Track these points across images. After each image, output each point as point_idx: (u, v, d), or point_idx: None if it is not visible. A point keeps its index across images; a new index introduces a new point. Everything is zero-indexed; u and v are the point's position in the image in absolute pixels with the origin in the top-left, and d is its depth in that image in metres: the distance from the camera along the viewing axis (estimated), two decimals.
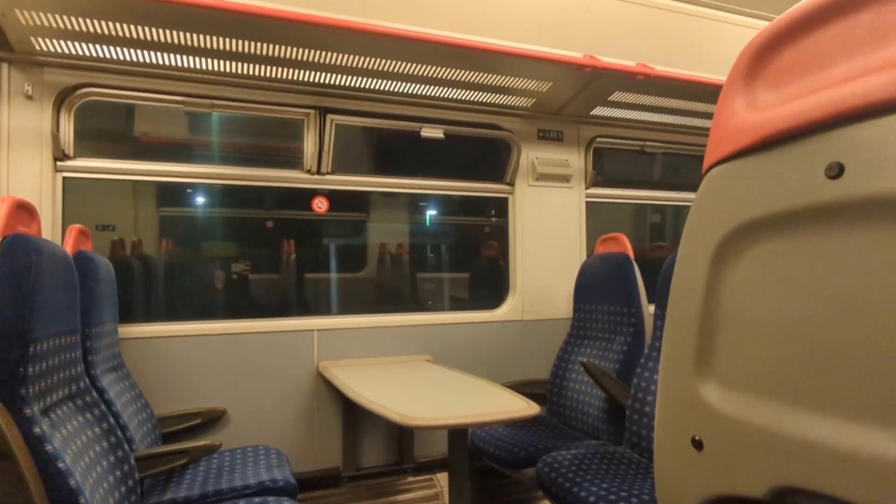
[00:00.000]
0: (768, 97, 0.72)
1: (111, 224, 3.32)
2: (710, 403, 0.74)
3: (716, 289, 0.74)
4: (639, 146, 3.31)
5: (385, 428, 2.75)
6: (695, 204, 0.80)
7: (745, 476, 0.68)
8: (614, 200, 3.39)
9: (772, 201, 0.68)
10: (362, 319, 2.77)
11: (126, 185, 3.40)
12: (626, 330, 2.56)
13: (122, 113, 3.20)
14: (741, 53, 0.74)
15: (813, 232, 0.64)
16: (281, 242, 3.96)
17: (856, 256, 0.59)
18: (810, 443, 0.61)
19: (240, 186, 2.73)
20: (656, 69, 2.54)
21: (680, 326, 0.80)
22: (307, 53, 2.26)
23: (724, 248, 0.74)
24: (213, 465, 2.16)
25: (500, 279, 3.20)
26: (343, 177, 2.79)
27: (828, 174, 0.62)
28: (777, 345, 0.66)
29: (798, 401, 0.63)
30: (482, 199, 3.17)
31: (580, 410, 2.63)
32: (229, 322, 2.56)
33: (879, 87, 0.57)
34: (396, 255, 4.42)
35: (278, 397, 2.58)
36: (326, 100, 2.68)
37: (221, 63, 2.32)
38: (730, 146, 0.75)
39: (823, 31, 0.66)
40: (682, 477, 0.79)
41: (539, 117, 3.07)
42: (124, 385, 2.14)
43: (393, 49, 2.26)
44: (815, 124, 0.64)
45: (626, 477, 1.99)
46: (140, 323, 2.45)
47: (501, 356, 2.98)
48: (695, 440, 0.76)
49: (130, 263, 3.03)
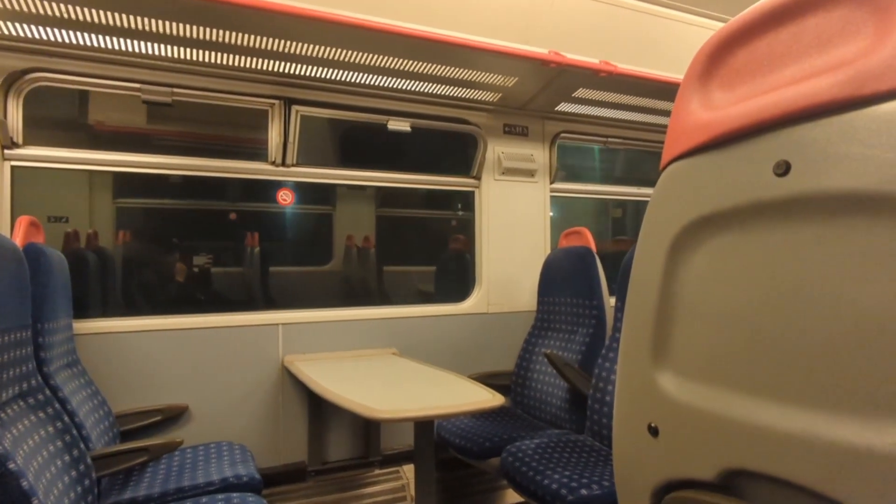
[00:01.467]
0: (722, 97, 0.75)
1: (64, 215, 3.19)
2: (666, 391, 0.77)
3: (672, 282, 0.77)
4: (602, 142, 3.38)
5: (351, 421, 2.75)
6: (652, 199, 0.82)
7: (696, 460, 0.72)
8: (577, 195, 3.45)
9: (724, 197, 0.71)
10: (327, 313, 2.75)
11: (81, 175, 3.27)
12: (588, 322, 2.62)
13: (75, 100, 3.08)
14: (697, 54, 0.77)
15: (761, 227, 0.67)
16: (244, 235, 3.89)
17: (799, 251, 0.62)
18: (755, 427, 0.64)
19: (202, 177, 2.66)
20: (619, 67, 2.59)
21: (638, 318, 0.83)
22: (271, 42, 2.22)
23: (679, 242, 0.77)
24: (175, 462, 2.11)
25: (466, 272, 3.22)
26: (308, 169, 2.75)
27: (776, 172, 0.65)
28: (726, 335, 0.69)
29: (744, 387, 0.66)
30: (449, 193, 3.18)
31: (544, 401, 2.69)
32: (190, 317, 2.50)
33: (824, 89, 0.61)
34: (363, 249, 4.40)
35: (242, 392, 2.54)
36: (292, 90, 2.63)
37: (181, 50, 2.25)
38: (686, 143, 0.78)
39: (774, 34, 0.69)
40: (639, 462, 0.82)
41: (505, 112, 3.09)
42: (79, 382, 2.07)
43: (359, 40, 2.24)
44: (765, 124, 0.67)
45: (588, 464, 2.04)
46: (96, 318, 2.37)
47: (467, 348, 3.01)
48: (651, 427, 0.79)
49: (85, 256, 2.92)
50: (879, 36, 0.56)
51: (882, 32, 0.56)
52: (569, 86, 2.78)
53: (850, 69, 0.58)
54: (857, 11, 0.59)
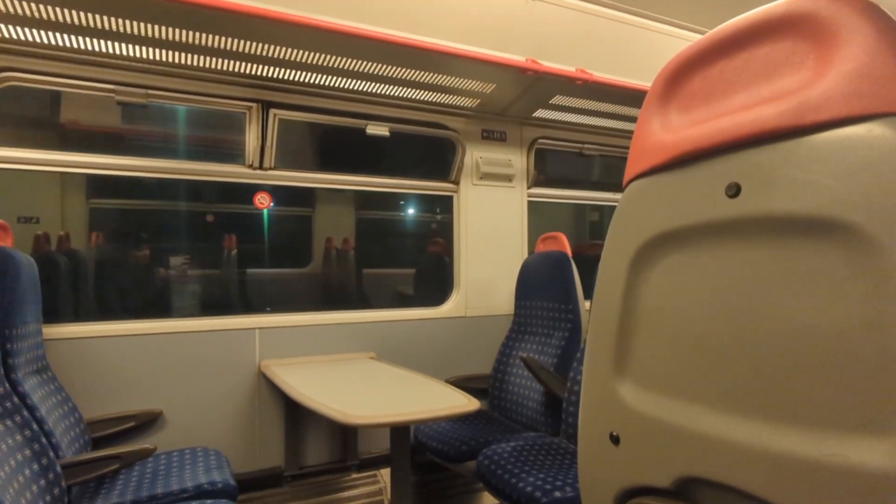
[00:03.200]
0: (679, 119, 0.78)
1: (34, 216, 3.13)
2: (626, 401, 0.80)
3: (632, 295, 0.80)
4: (578, 148, 3.43)
5: (328, 426, 2.75)
6: (615, 215, 0.85)
7: (653, 468, 0.75)
8: (555, 200, 3.50)
9: (680, 216, 0.74)
10: (305, 317, 2.74)
11: (52, 175, 3.21)
12: (563, 325, 2.66)
13: (46, 99, 3.02)
14: (657, 77, 0.80)
15: (714, 245, 0.70)
16: (222, 237, 3.85)
17: (748, 269, 0.66)
18: (707, 436, 0.67)
19: (178, 179, 2.63)
20: (594, 75, 2.64)
21: (601, 329, 0.85)
22: (248, 45, 2.21)
23: (640, 258, 0.80)
24: (148, 469, 2.09)
25: (444, 276, 3.24)
26: (286, 172, 2.74)
27: (727, 193, 0.68)
28: (681, 348, 0.72)
29: (697, 398, 0.70)
30: (429, 196, 3.20)
31: (520, 404, 2.72)
32: (165, 321, 2.47)
33: (770, 117, 0.64)
34: (342, 251, 4.39)
35: (218, 397, 2.52)
36: (269, 93, 2.62)
37: (156, 51, 2.23)
38: (646, 162, 0.81)
39: (726, 61, 0.72)
40: (601, 469, 0.85)
41: (483, 118, 3.13)
42: (49, 389, 2.03)
43: (338, 45, 2.24)
44: (718, 147, 0.70)
45: (563, 467, 2.08)
46: (67, 323, 2.33)
47: (445, 352, 3.03)
48: (612, 435, 0.82)
49: (56, 259, 2.87)
50: (820, 69, 0.60)
51: (822, 66, 0.59)
52: (546, 93, 2.82)
53: (793, 99, 0.61)
54: (800, 44, 0.63)
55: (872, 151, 0.54)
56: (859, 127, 0.56)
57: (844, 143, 0.56)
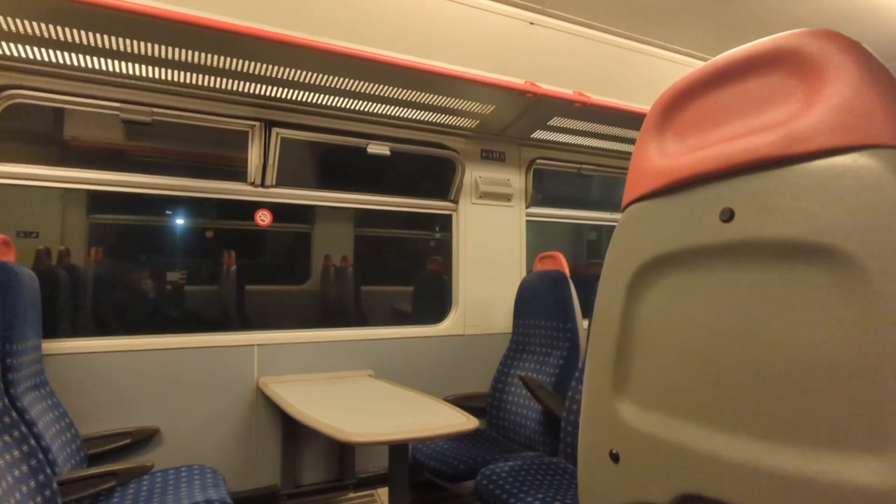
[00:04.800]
0: (675, 146, 0.81)
1: (35, 231, 3.15)
2: (626, 420, 0.82)
3: (630, 316, 0.83)
4: (576, 168, 3.48)
5: (325, 444, 2.73)
6: (614, 237, 0.88)
7: (653, 486, 0.76)
8: (553, 220, 3.53)
9: (677, 238, 0.77)
10: (304, 334, 2.75)
11: (54, 190, 3.23)
12: (562, 344, 2.67)
13: (50, 116, 3.06)
14: (653, 106, 0.84)
15: (709, 268, 0.73)
16: (221, 253, 3.87)
17: (742, 292, 0.68)
18: (705, 454, 0.69)
19: (179, 196, 2.66)
20: (592, 97, 2.69)
21: (600, 349, 0.87)
22: (252, 66, 2.25)
23: (637, 280, 0.82)
24: (144, 486, 2.08)
25: (443, 293, 3.26)
26: (287, 190, 2.77)
27: (721, 218, 0.71)
28: (679, 368, 0.74)
29: (696, 417, 0.71)
30: (428, 214, 3.23)
31: (518, 423, 2.72)
32: (163, 337, 2.47)
33: (761, 146, 0.67)
34: (341, 268, 4.40)
35: (215, 415, 2.51)
36: (272, 112, 2.66)
37: (161, 71, 2.27)
38: (644, 187, 0.84)
39: (719, 92, 0.76)
40: (601, 487, 0.86)
41: (483, 138, 3.17)
42: (47, 404, 2.03)
43: (339, 66, 2.29)
44: (712, 173, 0.73)
45: (561, 487, 2.07)
46: (66, 338, 2.33)
47: (443, 370, 3.03)
48: (612, 453, 0.83)
49: (57, 274, 2.88)
50: (807, 102, 0.63)
51: (809, 99, 0.63)
52: (544, 114, 2.87)
53: (782, 130, 0.64)
54: (789, 79, 0.66)
55: (858, 180, 0.57)
56: (845, 157, 0.58)
57: (831, 172, 0.59)
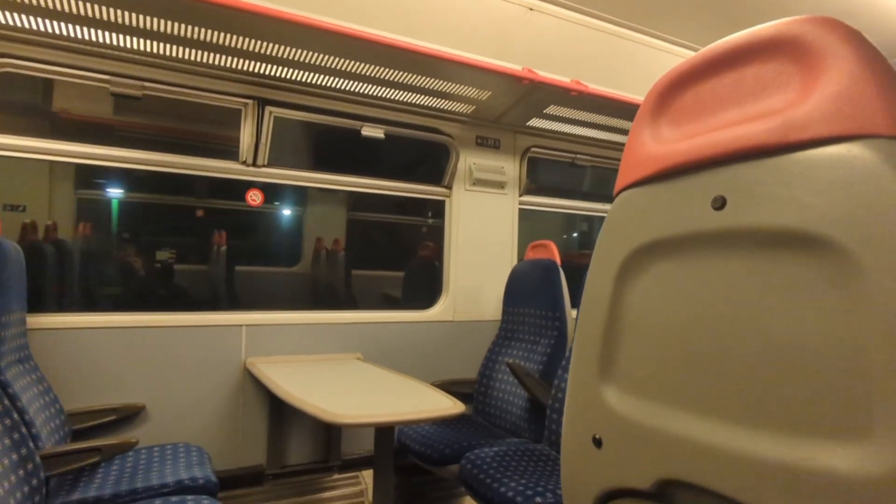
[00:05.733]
0: (670, 132, 0.80)
1: (21, 205, 3.10)
2: (610, 405, 0.82)
3: (619, 302, 0.83)
4: (570, 158, 3.47)
5: (312, 426, 2.74)
6: (605, 223, 0.88)
7: (634, 470, 0.77)
8: (545, 209, 3.53)
9: (668, 226, 0.77)
10: (293, 315, 2.74)
11: (41, 164, 3.18)
12: (550, 333, 2.68)
13: (39, 87, 3.00)
14: (650, 91, 0.83)
15: (699, 256, 0.73)
16: (211, 232, 3.83)
17: (731, 280, 0.68)
18: (686, 440, 0.69)
19: (170, 172, 2.62)
20: (589, 86, 2.68)
21: (588, 335, 0.87)
22: (246, 42, 2.21)
23: (627, 266, 0.82)
24: (129, 463, 2.07)
25: (434, 279, 3.25)
26: (280, 170, 2.74)
27: (713, 206, 0.71)
28: (663, 354, 0.74)
29: (677, 403, 0.72)
30: (420, 200, 3.22)
31: (504, 409, 2.73)
32: (151, 314, 2.46)
33: (756, 134, 0.66)
34: (332, 252, 4.39)
35: (202, 393, 2.51)
36: (266, 91, 2.63)
37: (153, 44, 2.22)
38: (637, 173, 0.83)
39: (718, 78, 0.75)
40: (583, 471, 0.87)
41: (478, 124, 3.15)
42: (30, 379, 2.01)
43: (335, 45, 2.25)
44: (706, 161, 0.72)
45: (544, 473, 2.09)
46: (52, 313, 2.31)
47: (432, 356, 3.04)
48: (595, 438, 0.84)
49: (43, 249, 2.84)
50: (804, 90, 0.62)
51: (806, 87, 0.62)
52: (541, 102, 2.85)
53: (779, 118, 0.64)
54: (788, 66, 0.65)
55: (851, 170, 0.57)
56: (839, 147, 0.58)
57: (825, 161, 0.59)
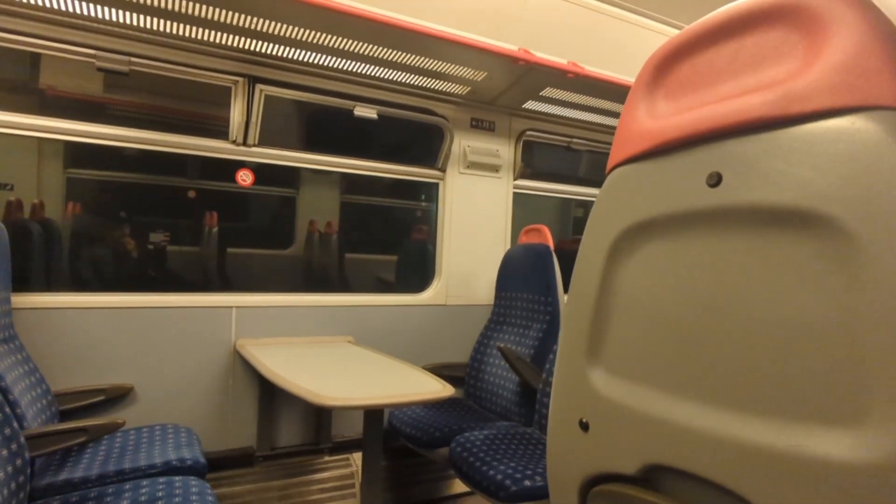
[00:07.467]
0: (666, 106, 0.77)
1: (8, 183, 3.04)
2: (597, 388, 0.80)
3: (609, 282, 0.80)
4: (566, 142, 3.42)
5: (302, 408, 2.73)
6: (597, 202, 0.85)
7: (621, 455, 0.75)
8: (540, 193, 3.50)
9: (661, 204, 0.74)
10: (284, 298, 2.71)
11: (29, 141, 3.11)
12: (542, 318, 2.67)
13: (25, 62, 2.92)
14: (645, 64, 0.80)
15: (693, 234, 0.70)
16: (203, 213, 3.78)
17: (725, 259, 0.65)
18: (673, 424, 0.67)
19: (160, 151, 2.57)
20: (586, 69, 2.63)
21: (576, 316, 0.85)
22: (237, 17, 2.15)
23: (618, 245, 0.79)
24: (116, 443, 2.06)
25: (426, 263, 3.23)
26: (271, 150, 2.70)
27: (708, 183, 0.68)
28: (653, 336, 0.72)
29: (665, 386, 0.70)
30: (414, 183, 3.18)
31: (495, 393, 2.73)
32: (140, 295, 2.42)
33: (755, 107, 0.63)
34: (325, 234, 4.34)
35: (191, 375, 2.49)
36: (256, 68, 2.57)
37: (140, 17, 2.16)
38: (630, 149, 0.80)
39: (716, 49, 0.72)
40: (570, 455, 0.85)
41: (473, 106, 3.10)
42: (16, 359, 1.98)
43: (328, 22, 2.20)
44: (701, 136, 0.69)
45: (533, 456, 2.09)
46: (37, 293, 2.27)
47: (424, 339, 3.02)
48: (582, 422, 0.82)
49: (29, 227, 2.79)
50: (808, 59, 0.59)
51: (811, 56, 0.59)
52: (537, 84, 2.80)
53: (780, 89, 0.61)
54: (791, 35, 0.62)
55: (854, 144, 0.54)
56: (843, 119, 0.55)
57: (827, 135, 0.56)
